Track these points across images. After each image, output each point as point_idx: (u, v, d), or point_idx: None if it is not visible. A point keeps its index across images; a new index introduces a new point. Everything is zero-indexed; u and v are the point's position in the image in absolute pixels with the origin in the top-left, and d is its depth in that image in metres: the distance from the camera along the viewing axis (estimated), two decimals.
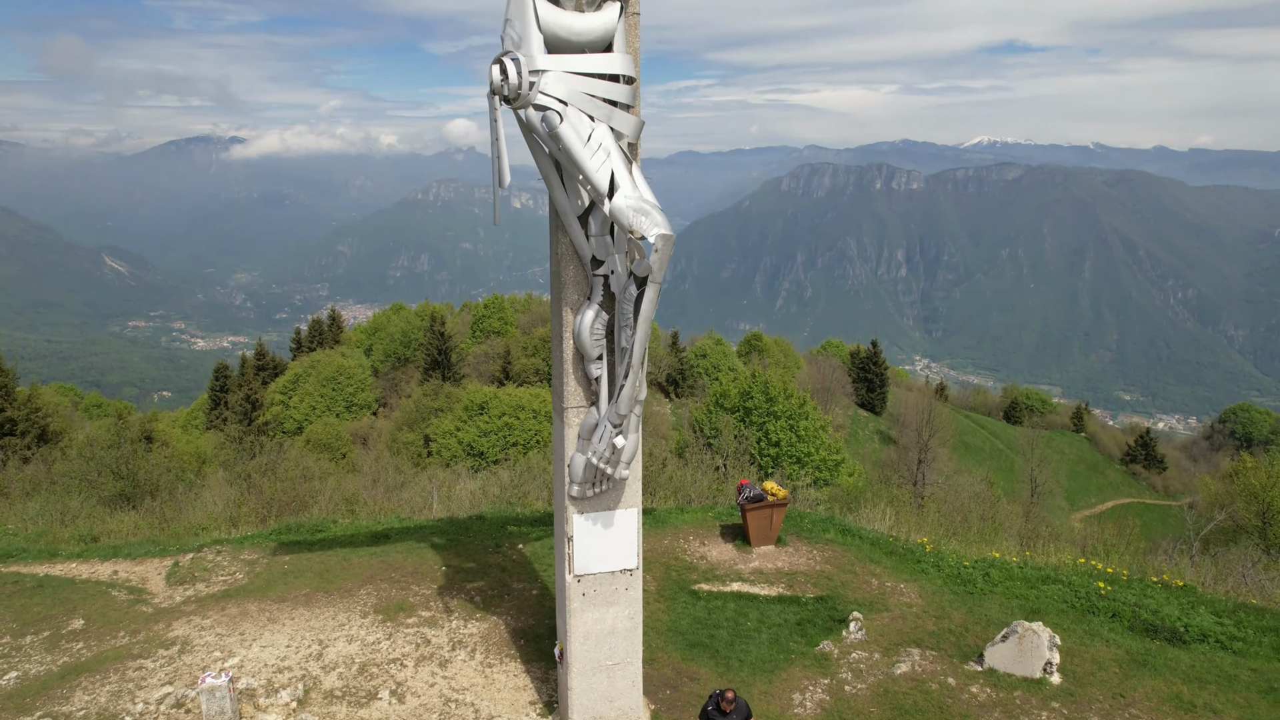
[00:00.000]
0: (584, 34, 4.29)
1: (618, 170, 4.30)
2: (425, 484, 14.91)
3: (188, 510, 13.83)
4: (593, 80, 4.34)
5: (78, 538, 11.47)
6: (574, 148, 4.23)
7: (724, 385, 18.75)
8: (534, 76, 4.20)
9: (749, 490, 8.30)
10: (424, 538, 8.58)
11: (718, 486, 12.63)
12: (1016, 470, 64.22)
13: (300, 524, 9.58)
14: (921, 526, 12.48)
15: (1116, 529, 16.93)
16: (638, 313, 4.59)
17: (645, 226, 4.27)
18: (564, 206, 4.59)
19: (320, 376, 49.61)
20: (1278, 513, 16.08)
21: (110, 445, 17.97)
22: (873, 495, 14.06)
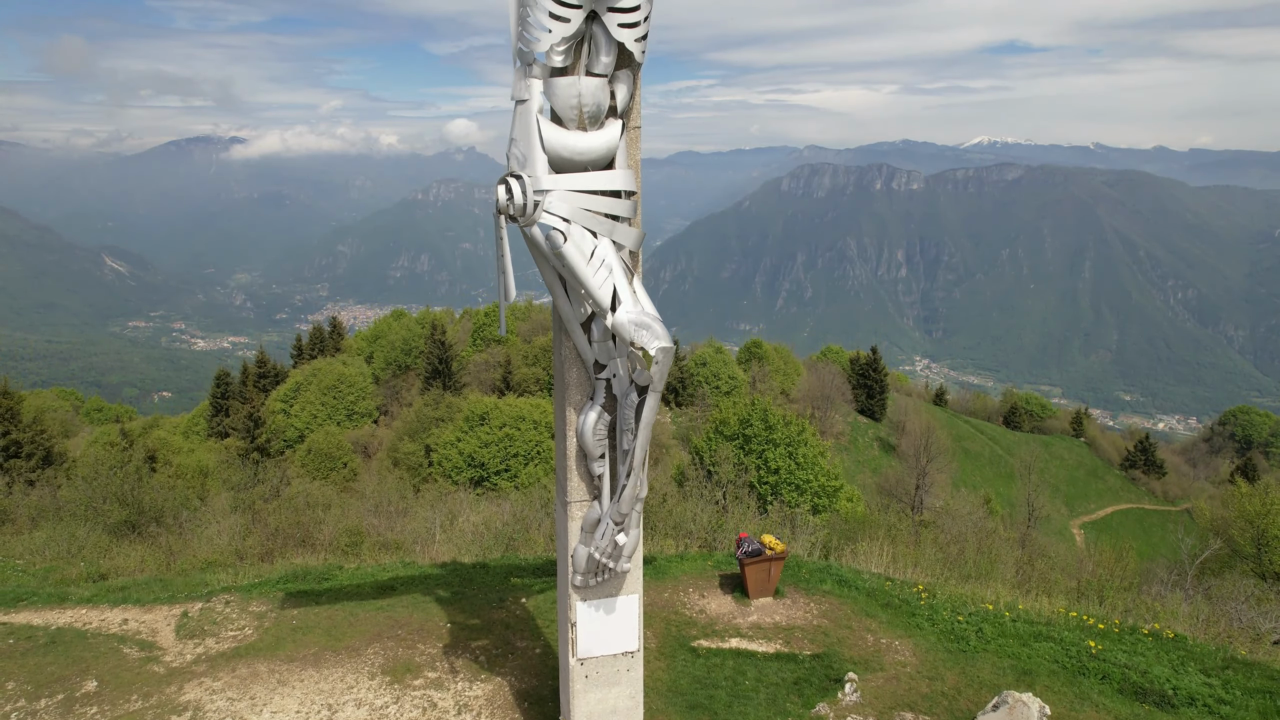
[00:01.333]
0: (587, 153, 4.44)
1: (619, 285, 4.46)
2: (428, 513, 15.05)
3: (193, 541, 13.99)
4: (595, 197, 4.49)
5: (86, 576, 11.62)
6: (577, 266, 4.38)
7: (724, 412, 18.94)
8: (538, 196, 4.35)
9: (747, 545, 8.47)
10: (429, 590, 8.74)
11: (718, 521, 12.78)
12: (1016, 476, 64.42)
13: (307, 570, 9.74)
14: (919, 561, 12.63)
15: (1114, 554, 17.09)
16: (639, 419, 4.75)
17: (646, 340, 4.42)
18: (567, 314, 4.75)
19: (321, 385, 49.77)
20: (1272, 539, 16.25)
21: (115, 467, 18.11)
22: (871, 526, 14.21)
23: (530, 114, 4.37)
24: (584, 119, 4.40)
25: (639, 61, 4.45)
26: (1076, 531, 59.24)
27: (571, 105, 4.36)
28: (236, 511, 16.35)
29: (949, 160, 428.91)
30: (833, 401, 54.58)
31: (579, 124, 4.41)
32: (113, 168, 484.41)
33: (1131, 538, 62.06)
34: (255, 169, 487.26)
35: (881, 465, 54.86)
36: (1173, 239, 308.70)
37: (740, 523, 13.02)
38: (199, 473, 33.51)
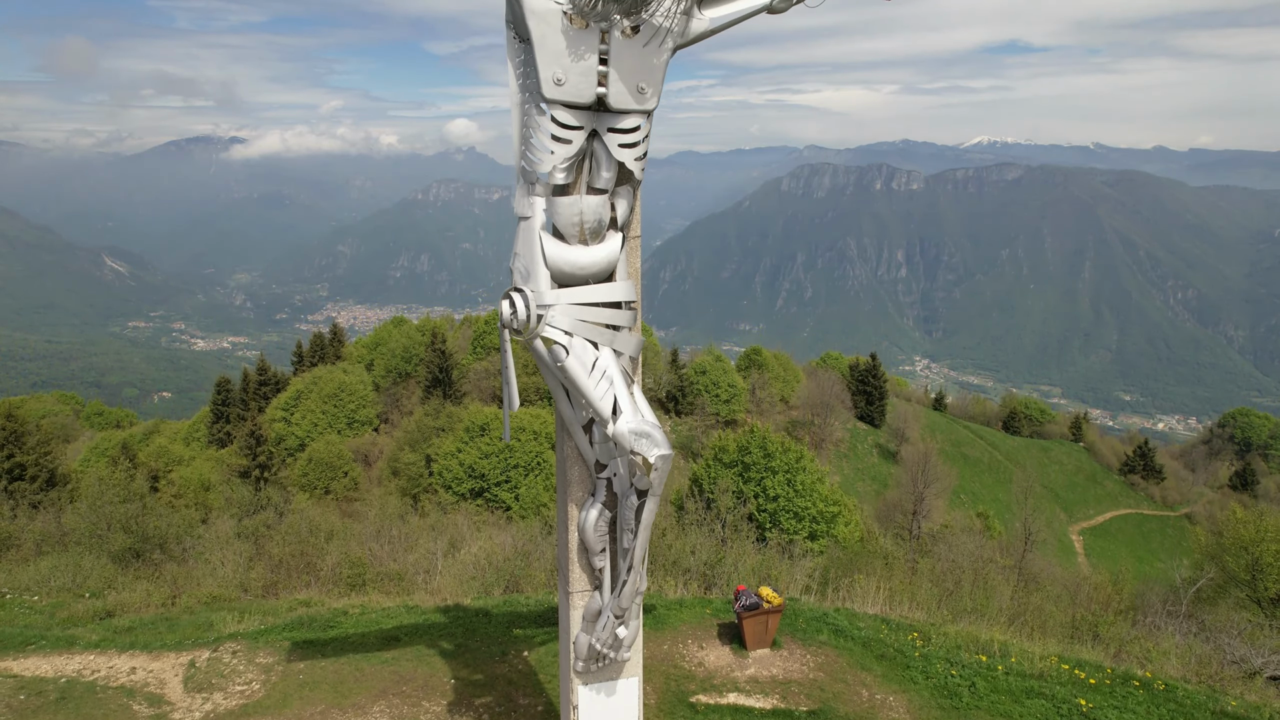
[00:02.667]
0: (589, 267, 4.56)
1: (620, 395, 4.58)
2: (429, 543, 15.19)
3: (197, 570, 14.12)
4: (596, 309, 4.62)
5: (92, 614, 11.75)
6: (579, 379, 4.51)
7: (723, 440, 19.09)
8: (541, 310, 4.48)
9: (745, 598, 8.61)
10: (433, 641, 8.87)
11: (718, 555, 12.92)
12: (1015, 482, 64.56)
13: (313, 618, 9.87)
14: (915, 596, 12.76)
15: (1110, 582, 17.23)
16: (639, 520, 4.90)
17: (645, 448, 4.56)
18: (569, 417, 4.88)
19: (322, 393, 49.90)
20: (1266, 567, 16.39)
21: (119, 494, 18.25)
22: (868, 557, 14.34)
23: (533, 230, 4.50)
24: (585, 234, 4.54)
25: (638, 179, 4.58)
26: (1076, 538, 59.44)
27: (573, 222, 4.50)
28: (240, 538, 16.49)
29: (949, 160, 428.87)
30: (832, 409, 54.69)
31: (580, 239, 4.55)
32: (113, 168, 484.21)
33: (1130, 544, 62.27)
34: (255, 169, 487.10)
35: (881, 473, 55.02)
36: (1173, 239, 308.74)
37: (740, 557, 13.16)
38: (201, 487, 33.69)
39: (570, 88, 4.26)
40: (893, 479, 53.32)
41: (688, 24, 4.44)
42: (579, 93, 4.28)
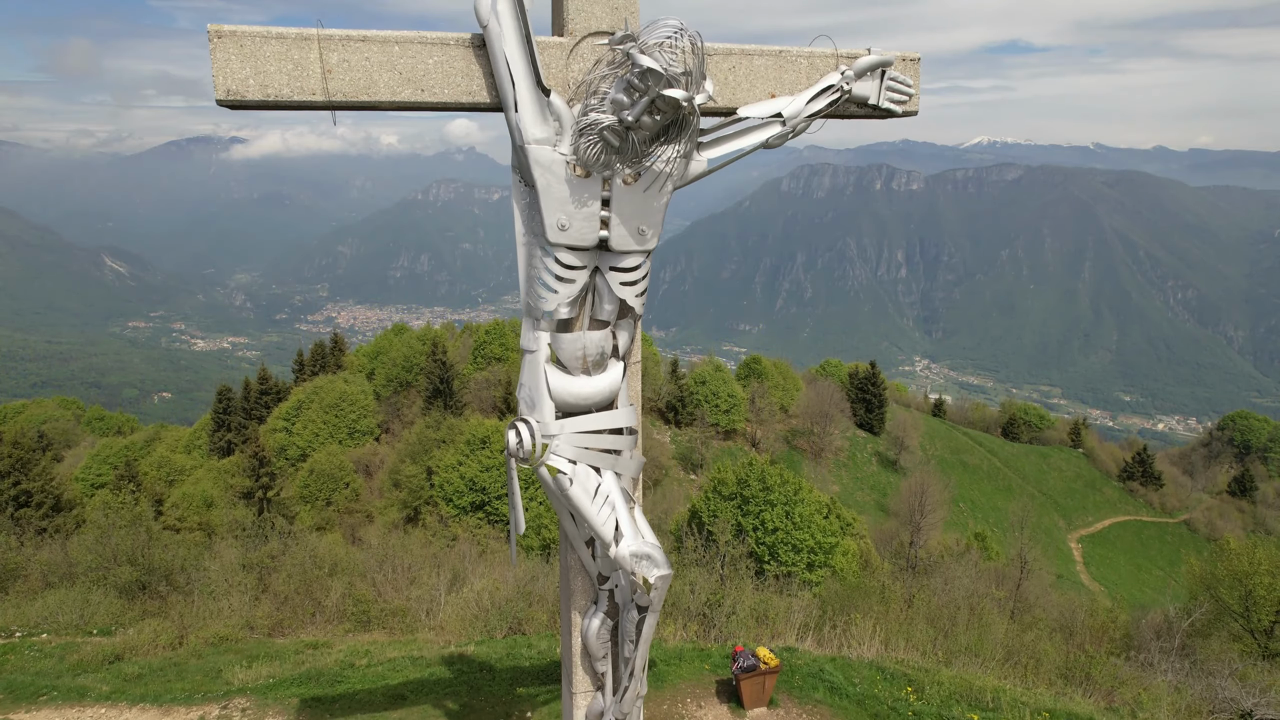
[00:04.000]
0: (591, 397, 4.73)
1: (621, 518, 4.76)
2: (432, 578, 15.39)
3: (203, 610, 14.31)
4: (599, 436, 4.80)
5: (101, 658, 11.94)
6: (582, 505, 4.68)
7: (722, 472, 19.29)
8: (546, 440, 4.65)
9: (743, 659, 8.80)
10: (439, 701, 9.05)
11: (717, 594, 13.10)
12: (1014, 489, 64.82)
13: (320, 672, 10.05)
14: (911, 637, 12.94)
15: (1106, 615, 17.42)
16: (639, 634, 5.08)
17: (646, 569, 4.74)
18: (572, 533, 5.05)
19: (323, 403, 50.07)
20: (1260, 600, 16.57)
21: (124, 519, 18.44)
22: (865, 593, 14.53)
23: (538, 364, 4.68)
24: (588, 365, 4.71)
25: (639, 313, 4.76)
26: (1075, 546, 59.68)
27: (576, 356, 4.67)
28: (245, 569, 16.67)
29: (949, 160, 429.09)
30: (831, 418, 54.89)
31: (583, 369, 4.72)
32: (113, 168, 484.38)
33: (1129, 551, 62.53)
34: (255, 169, 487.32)
35: (880, 482, 55.23)
36: (1173, 239, 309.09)
37: (739, 597, 13.34)
38: (203, 504, 33.88)
39: (574, 232, 4.43)
40: (892, 488, 53.53)
41: (687, 167, 4.61)
42: (582, 237, 4.46)
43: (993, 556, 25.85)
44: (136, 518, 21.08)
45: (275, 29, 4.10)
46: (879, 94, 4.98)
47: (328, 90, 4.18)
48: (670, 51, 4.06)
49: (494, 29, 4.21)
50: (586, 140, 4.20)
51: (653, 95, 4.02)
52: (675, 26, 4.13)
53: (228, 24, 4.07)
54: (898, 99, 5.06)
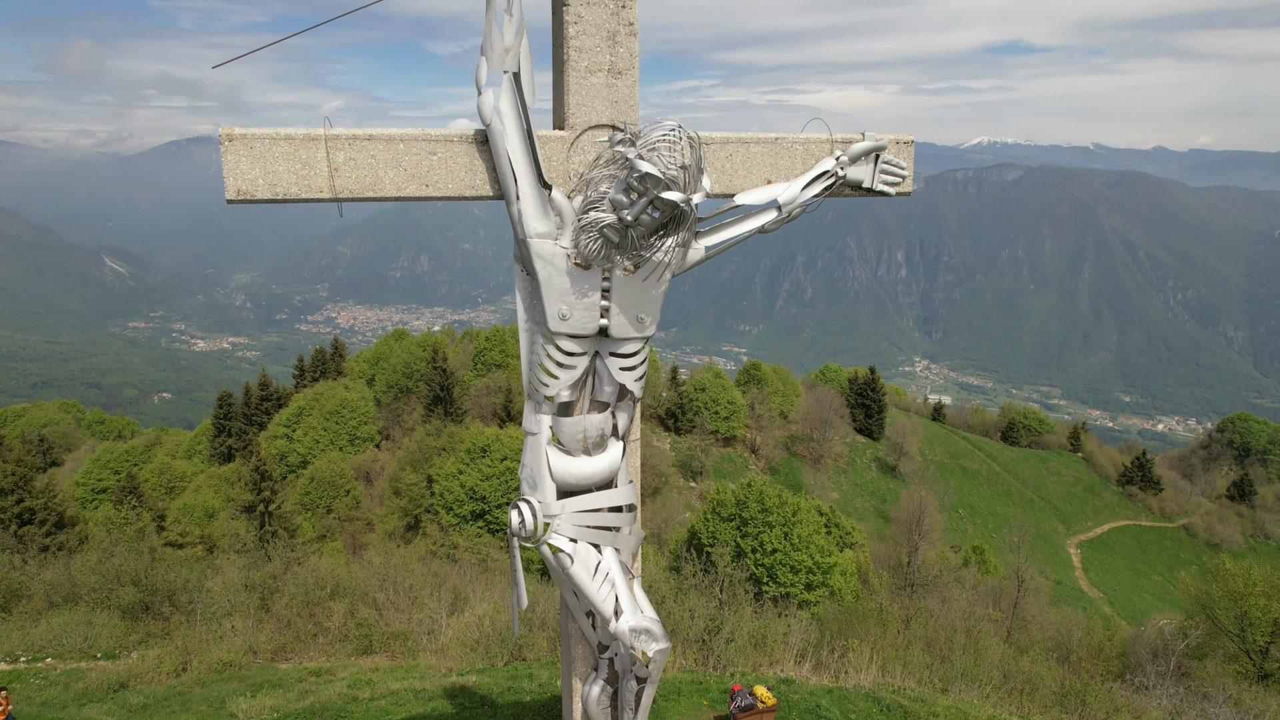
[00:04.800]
0: (592, 476, 4.84)
1: (621, 594, 4.87)
2: (434, 602, 15.50)
3: (206, 635, 14.41)
4: (599, 514, 4.91)
5: (106, 685, 12.05)
6: (583, 583, 4.79)
7: (721, 494, 19.40)
8: (548, 519, 4.77)
9: (740, 699, 8.91)
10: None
11: (716, 620, 13.21)
12: (1013, 494, 64.96)
13: (325, 707, 10.16)
14: (907, 663, 13.05)
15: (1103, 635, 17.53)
16: (638, 704, 5.19)
17: (644, 644, 4.85)
18: (574, 606, 5.17)
19: (324, 410, 50.16)
20: (1255, 621, 16.68)
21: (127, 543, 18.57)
22: (862, 617, 14.65)
23: (540, 445, 4.79)
24: (588, 446, 4.82)
25: (638, 397, 4.87)
26: (1074, 552, 59.79)
27: (577, 439, 4.78)
28: (247, 590, 16.78)
29: (949, 161, 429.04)
30: (831, 424, 55.00)
31: (584, 450, 4.83)
32: (113, 168, 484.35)
33: (1128, 556, 62.64)
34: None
35: (880, 488, 55.34)
36: (1172, 240, 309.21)
37: (738, 623, 13.45)
38: (205, 514, 34.01)
39: (575, 322, 4.54)
40: (891, 494, 53.65)
41: (685, 256, 4.72)
42: (582, 326, 4.56)
43: (991, 570, 25.96)
44: (140, 532, 21.22)
45: (284, 130, 4.21)
46: (873, 177, 5.09)
47: (334, 188, 4.30)
48: (668, 153, 4.17)
49: (497, 128, 4.32)
50: (587, 237, 4.31)
51: (651, 197, 4.12)
52: (673, 127, 4.24)
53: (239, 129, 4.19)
54: (891, 181, 5.17)
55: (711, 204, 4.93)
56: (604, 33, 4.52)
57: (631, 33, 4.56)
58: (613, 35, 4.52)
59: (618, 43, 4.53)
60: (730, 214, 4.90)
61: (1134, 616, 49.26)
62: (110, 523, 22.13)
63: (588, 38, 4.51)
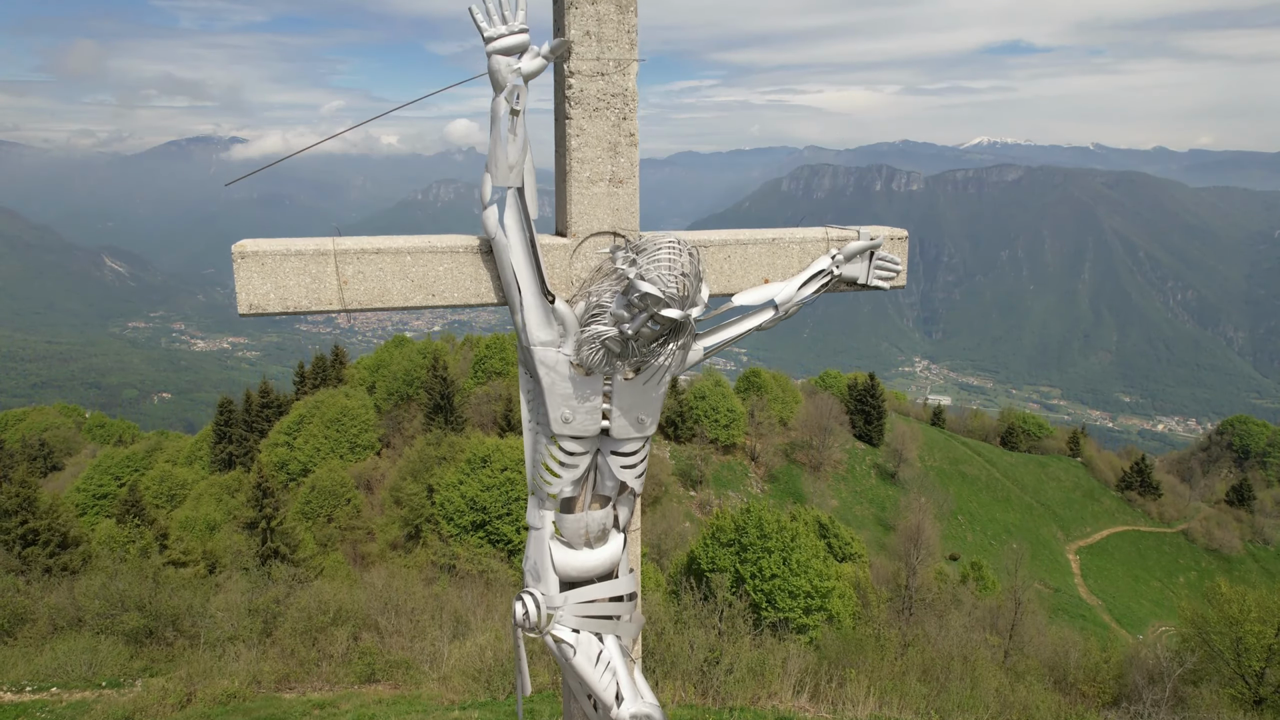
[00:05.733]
0: (594, 569, 4.95)
1: (622, 681, 4.98)
2: (436, 630, 15.65)
3: (210, 664, 14.55)
4: (601, 604, 5.04)
5: (113, 719, 12.18)
6: (584, 672, 4.91)
7: (720, 520, 19.57)
8: (552, 610, 4.89)
9: None
10: None
11: (715, 654, 13.34)
12: (1013, 500, 65.12)
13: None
14: (904, 695, 13.19)
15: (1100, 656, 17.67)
16: None
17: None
18: (575, 688, 5.28)
19: (324, 418, 50.37)
20: (1250, 647, 16.82)
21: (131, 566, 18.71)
22: (860, 644, 14.79)
23: (543, 540, 4.91)
24: (590, 540, 4.94)
25: (639, 493, 4.99)
26: (1073, 558, 59.96)
27: (579, 533, 4.90)
28: (251, 614, 16.93)
29: (949, 161, 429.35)
30: (830, 431, 55.14)
31: (586, 543, 4.95)
32: (113, 168, 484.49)
33: (1127, 562, 62.81)
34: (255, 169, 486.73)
35: (879, 495, 55.50)
36: (1172, 240, 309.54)
37: (737, 654, 13.58)
38: (206, 527, 34.17)
39: (577, 425, 4.65)
40: (890, 501, 53.84)
41: (684, 357, 4.83)
42: (584, 428, 4.68)
43: (989, 587, 26.11)
44: (143, 550, 21.37)
45: (295, 245, 4.33)
46: (868, 274, 5.20)
47: (343, 300, 4.41)
48: (668, 272, 4.28)
49: (500, 241, 4.44)
50: (589, 348, 4.43)
51: (651, 313, 4.24)
52: (672, 244, 4.35)
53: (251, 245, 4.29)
54: (885, 276, 5.28)
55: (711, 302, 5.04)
56: (605, 144, 4.64)
57: (632, 143, 4.68)
58: (614, 146, 4.64)
59: (619, 153, 4.64)
60: (729, 314, 5.02)
61: (1133, 624, 49.43)
62: (113, 541, 22.28)
63: (589, 149, 4.63)
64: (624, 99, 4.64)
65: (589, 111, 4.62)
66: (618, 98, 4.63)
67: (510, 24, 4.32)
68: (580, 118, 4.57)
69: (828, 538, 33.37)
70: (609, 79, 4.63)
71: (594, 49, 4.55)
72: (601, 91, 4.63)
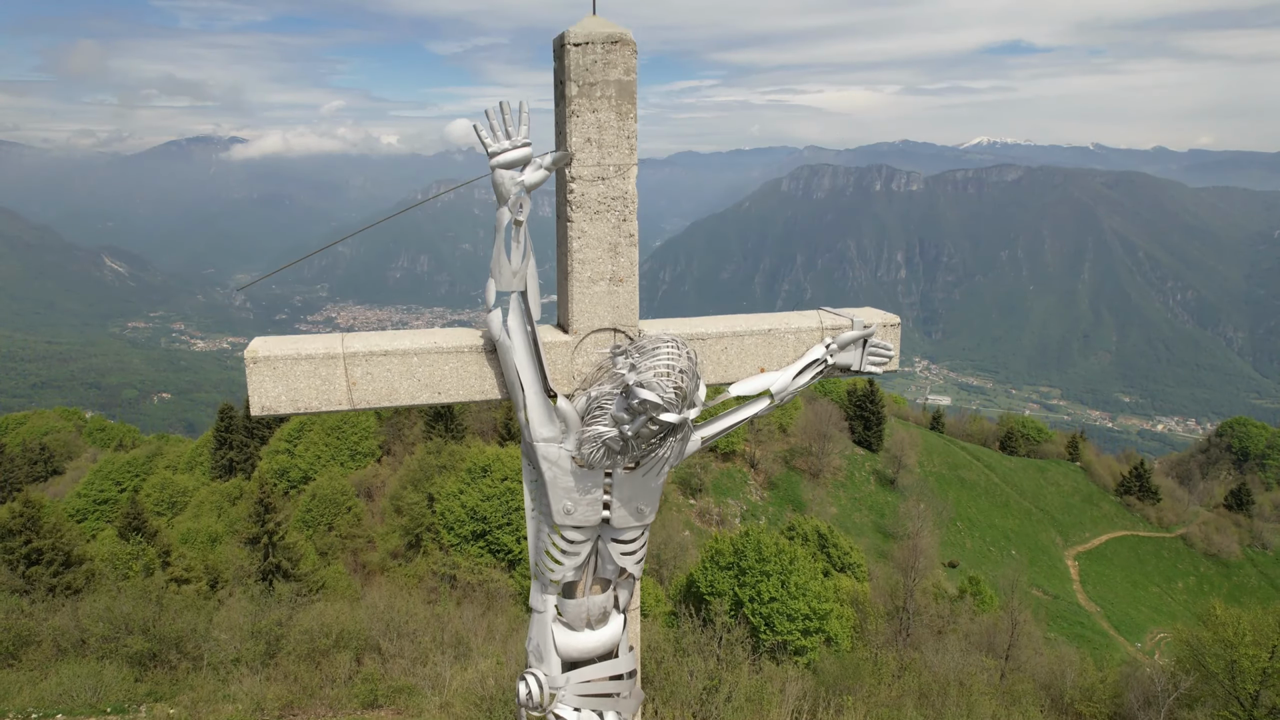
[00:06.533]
0: (595, 650, 5.10)
1: None
2: (438, 657, 15.79)
3: (213, 688, 14.69)
4: (601, 683, 5.19)
5: None
6: None
7: (719, 542, 19.69)
8: (554, 690, 5.04)
9: None
10: None
11: (714, 683, 13.49)
12: (1012, 505, 65.25)
13: None
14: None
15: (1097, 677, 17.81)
16: None
17: None
18: None
19: (325, 426, 50.49)
20: (1245, 670, 16.96)
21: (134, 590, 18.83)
22: (857, 670, 14.93)
23: (546, 622, 5.06)
24: (591, 622, 5.09)
25: (637, 577, 5.14)
26: (1071, 564, 60.10)
27: (580, 617, 5.05)
28: (254, 637, 17.06)
29: (948, 161, 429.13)
30: (830, 437, 55.27)
31: (586, 625, 5.10)
32: (113, 168, 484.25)
33: (1126, 568, 62.96)
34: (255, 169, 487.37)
35: (878, 501, 55.64)
36: (1172, 240, 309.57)
37: (736, 681, 13.73)
38: (208, 540, 34.30)
39: (578, 515, 4.80)
40: (889, 508, 53.98)
41: (684, 449, 4.98)
42: (585, 519, 4.83)
43: (987, 602, 26.24)
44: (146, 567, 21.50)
45: (305, 349, 4.47)
46: (861, 361, 5.34)
47: (352, 400, 4.55)
48: (666, 375, 4.42)
49: (504, 343, 4.58)
50: (590, 447, 4.57)
51: (650, 416, 4.39)
52: (671, 347, 4.49)
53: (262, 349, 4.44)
54: (878, 362, 5.42)
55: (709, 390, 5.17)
56: (606, 245, 4.78)
57: (632, 243, 4.81)
58: (614, 247, 4.78)
59: (619, 253, 4.78)
60: (726, 405, 5.16)
61: (1131, 631, 49.62)
62: (116, 559, 22.42)
63: (590, 250, 4.77)
64: (624, 201, 4.78)
65: (590, 214, 4.76)
66: (618, 200, 4.77)
67: (514, 138, 4.46)
68: (581, 220, 4.71)
69: (827, 548, 33.52)
70: (609, 183, 4.78)
71: (594, 155, 4.69)
72: (602, 195, 4.77)
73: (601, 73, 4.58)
